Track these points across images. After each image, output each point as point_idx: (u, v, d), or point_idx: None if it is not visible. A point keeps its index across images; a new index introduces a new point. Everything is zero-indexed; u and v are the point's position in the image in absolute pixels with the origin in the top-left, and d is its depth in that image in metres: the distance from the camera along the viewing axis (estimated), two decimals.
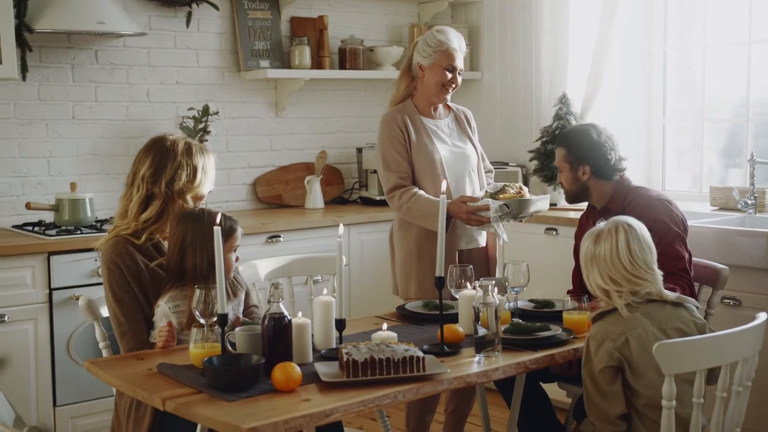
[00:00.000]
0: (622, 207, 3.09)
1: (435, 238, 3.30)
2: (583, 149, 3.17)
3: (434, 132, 3.50)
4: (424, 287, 3.42)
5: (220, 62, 4.75)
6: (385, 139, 3.46)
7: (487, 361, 2.42)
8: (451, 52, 3.44)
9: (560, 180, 3.29)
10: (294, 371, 2.20)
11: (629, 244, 2.44)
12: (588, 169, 3.16)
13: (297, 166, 5.03)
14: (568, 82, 4.84)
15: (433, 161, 3.43)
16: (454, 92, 3.53)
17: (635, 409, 2.39)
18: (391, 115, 3.48)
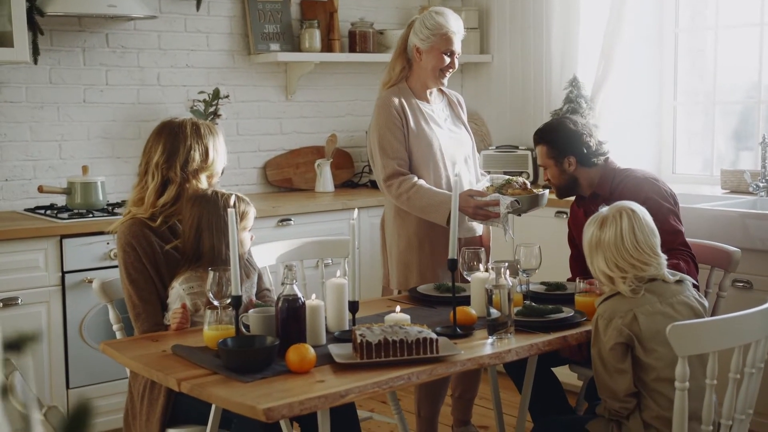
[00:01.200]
0: (611, 191, 3.09)
1: (435, 228, 3.32)
2: (564, 141, 3.16)
3: (431, 117, 3.40)
4: (425, 278, 3.33)
5: (231, 45, 4.75)
6: (383, 123, 3.33)
7: (500, 343, 2.43)
8: (450, 36, 3.33)
9: (546, 178, 3.27)
10: (308, 353, 2.22)
11: (633, 229, 2.46)
12: (573, 159, 3.15)
13: (307, 149, 5.04)
14: (579, 65, 4.82)
15: (431, 147, 3.34)
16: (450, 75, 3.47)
17: (645, 384, 2.41)
18: (388, 98, 3.35)
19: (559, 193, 3.27)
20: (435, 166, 3.32)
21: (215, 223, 2.62)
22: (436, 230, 3.32)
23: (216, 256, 2.62)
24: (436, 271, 3.35)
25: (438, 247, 3.33)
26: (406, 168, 3.31)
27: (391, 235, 3.45)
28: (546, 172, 3.24)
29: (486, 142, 5.37)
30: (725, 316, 2.26)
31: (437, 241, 3.33)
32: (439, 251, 3.33)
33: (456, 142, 3.43)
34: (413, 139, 3.33)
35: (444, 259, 3.32)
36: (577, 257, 3.30)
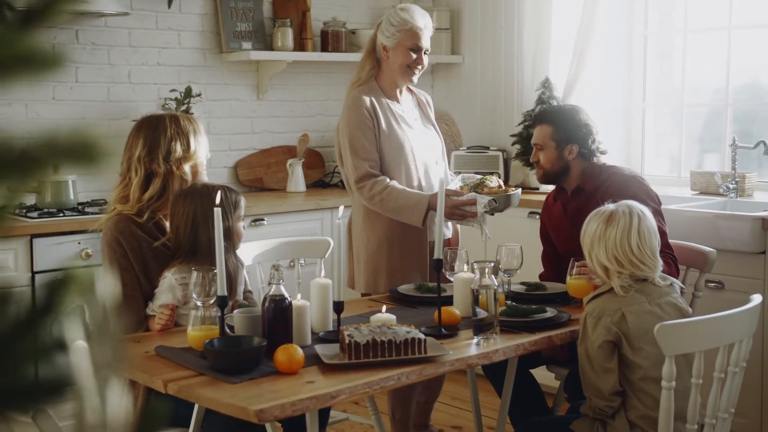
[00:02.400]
0: (596, 186, 3.09)
1: (406, 230, 3.28)
2: (574, 128, 3.14)
3: (401, 117, 3.35)
4: (394, 281, 3.26)
5: (202, 44, 4.70)
6: (353, 123, 3.26)
7: (486, 344, 2.43)
8: (416, 31, 3.28)
9: (536, 159, 3.20)
10: (297, 353, 2.20)
11: (640, 229, 2.48)
12: (576, 148, 3.13)
13: (278, 149, 5.01)
14: (551, 67, 4.85)
15: (402, 148, 3.28)
16: (426, 69, 3.40)
17: (631, 383, 2.43)
18: (358, 97, 3.27)
19: (546, 179, 3.22)
20: (406, 167, 3.29)
21: (211, 215, 2.58)
22: (406, 232, 3.30)
23: (214, 248, 2.59)
24: (405, 274, 3.32)
25: (408, 250, 3.32)
26: (377, 169, 3.25)
27: (360, 237, 3.40)
28: (539, 152, 3.17)
29: (456, 143, 5.39)
30: (712, 316, 2.28)
31: (408, 243, 3.32)
32: (409, 253, 3.32)
33: (426, 142, 3.40)
34: (384, 139, 3.27)
35: (414, 261, 3.32)
36: (550, 254, 3.31)
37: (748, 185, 4.20)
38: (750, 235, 3.58)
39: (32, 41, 0.49)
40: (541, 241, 3.38)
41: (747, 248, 3.61)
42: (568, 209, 3.16)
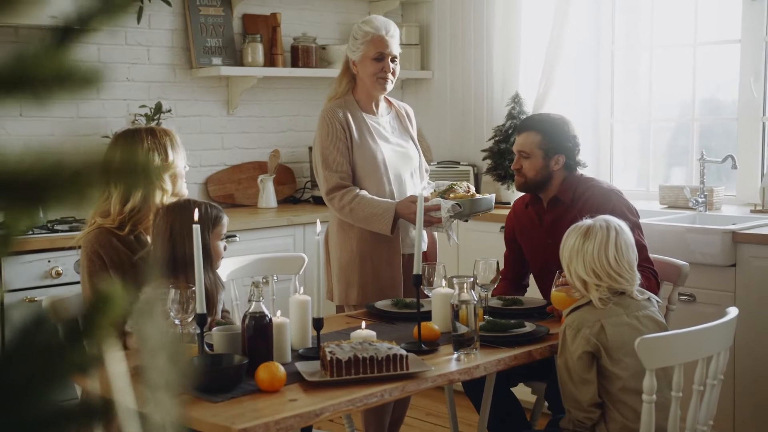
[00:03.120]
0: (573, 198, 3.08)
1: (378, 242, 3.29)
2: (562, 138, 3.10)
3: (376, 130, 3.36)
4: (366, 294, 3.28)
5: (172, 59, 4.67)
6: (326, 135, 3.29)
7: (467, 359, 2.43)
8: (378, 40, 3.27)
9: (518, 166, 3.13)
10: (278, 371, 2.18)
11: (617, 243, 2.50)
12: (562, 159, 3.10)
13: (249, 165, 4.98)
14: (521, 82, 4.89)
15: (375, 161, 3.29)
16: (396, 84, 3.41)
17: (611, 395, 2.45)
18: (332, 111, 3.30)
19: (526, 187, 3.16)
20: (378, 179, 3.29)
21: (187, 229, 2.55)
22: (378, 245, 3.30)
23: (189, 263, 2.55)
24: (377, 287, 3.32)
25: (379, 263, 3.32)
26: (348, 181, 3.28)
27: (334, 250, 3.41)
28: (523, 160, 3.11)
29: (427, 158, 5.39)
30: (691, 329, 2.30)
31: (379, 256, 3.32)
32: (381, 267, 3.32)
33: (401, 156, 3.40)
34: (357, 151, 3.29)
35: (386, 275, 3.31)
36: (512, 258, 3.31)
37: (716, 199, 4.25)
38: (721, 248, 3.62)
39: (70, 59, 0.48)
40: (505, 243, 3.37)
41: (718, 261, 3.65)
42: (543, 220, 3.15)
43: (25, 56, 0.48)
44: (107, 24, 0.50)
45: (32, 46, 0.51)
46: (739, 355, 3.63)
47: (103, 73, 0.50)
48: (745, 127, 4.39)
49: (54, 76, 0.47)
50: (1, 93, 0.47)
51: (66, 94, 0.49)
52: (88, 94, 0.50)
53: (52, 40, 0.51)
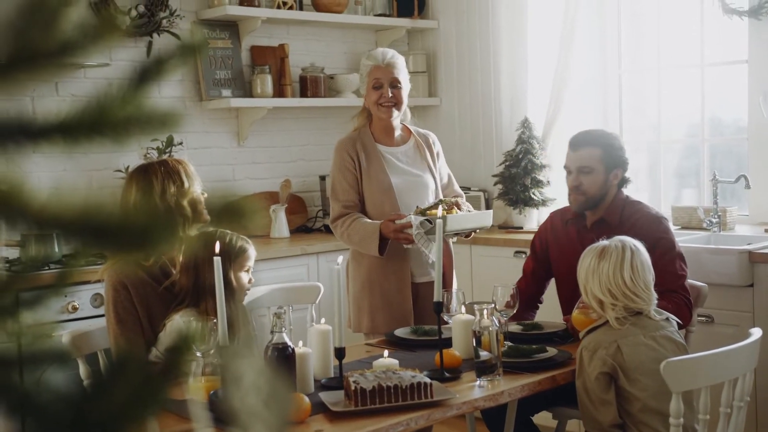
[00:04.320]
0: (620, 220, 3.03)
1: (388, 271, 3.30)
2: (619, 153, 3.07)
3: (388, 160, 3.39)
4: (375, 322, 3.31)
5: (182, 92, 4.70)
6: (335, 166, 3.40)
7: (491, 385, 2.42)
8: (375, 70, 3.36)
9: (577, 183, 3.05)
10: (303, 402, 2.18)
11: (633, 262, 2.50)
12: (620, 173, 3.06)
13: (260, 195, 4.99)
14: (529, 106, 4.90)
15: (383, 190, 3.33)
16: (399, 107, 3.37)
17: (631, 416, 2.44)
18: (344, 142, 3.41)
19: (588, 205, 3.07)
20: (388, 209, 3.30)
21: (210, 262, 2.54)
22: (387, 274, 3.32)
23: (211, 292, 2.55)
24: (388, 315, 3.32)
25: (388, 291, 3.33)
26: (353, 209, 3.33)
27: (349, 278, 3.45)
28: (583, 176, 3.03)
29: None
30: (716, 351, 2.29)
31: (388, 285, 3.33)
32: (390, 294, 3.32)
33: (414, 185, 3.40)
34: (366, 181, 3.35)
35: (395, 303, 3.31)
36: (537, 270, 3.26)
37: (730, 219, 4.25)
38: (738, 268, 3.61)
39: (147, 101, 0.48)
40: (530, 252, 3.33)
41: (735, 282, 3.64)
42: (583, 240, 2.99)
43: (105, 101, 0.49)
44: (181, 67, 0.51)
45: (111, 89, 0.52)
46: (759, 376, 3.61)
47: (178, 116, 0.51)
48: (756, 146, 4.39)
49: (133, 119, 0.48)
50: (82, 137, 0.48)
51: (145, 135, 0.49)
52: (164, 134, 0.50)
53: (129, 83, 0.52)
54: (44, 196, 0.47)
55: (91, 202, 0.47)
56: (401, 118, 3.46)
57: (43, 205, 0.46)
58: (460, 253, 4.62)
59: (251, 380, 0.56)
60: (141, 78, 0.53)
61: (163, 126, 0.50)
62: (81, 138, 0.49)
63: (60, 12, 0.52)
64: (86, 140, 0.50)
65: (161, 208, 2.51)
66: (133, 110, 0.49)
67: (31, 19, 0.51)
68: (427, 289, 3.32)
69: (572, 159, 3.10)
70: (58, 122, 0.49)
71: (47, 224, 0.47)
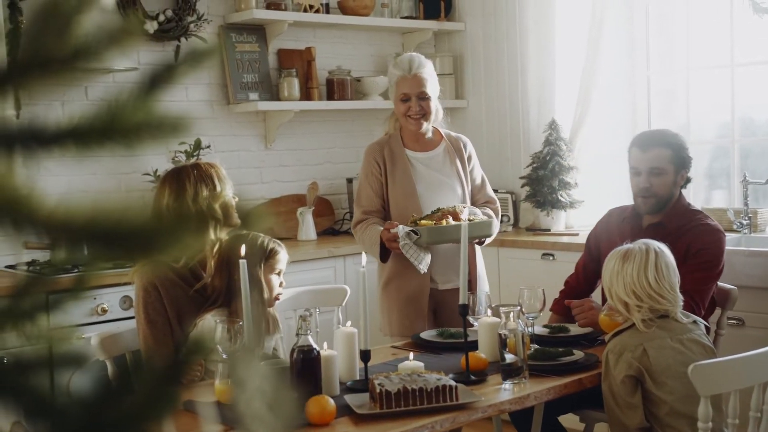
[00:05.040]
0: (678, 227, 2.95)
1: (405, 274, 3.24)
2: (686, 153, 3.02)
3: (415, 166, 3.37)
4: (391, 324, 3.30)
5: (210, 95, 4.73)
6: (362, 171, 3.43)
7: (517, 388, 2.41)
8: (401, 81, 3.30)
9: (647, 184, 2.98)
10: (328, 404, 2.18)
11: (657, 264, 2.49)
12: (685, 175, 3.03)
13: (287, 198, 5.01)
14: (557, 108, 4.88)
15: (407, 196, 3.32)
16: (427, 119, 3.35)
17: (658, 419, 2.42)
18: (373, 147, 3.42)
19: (657, 207, 3.00)
20: (411, 209, 3.28)
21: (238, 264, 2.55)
22: (404, 278, 3.29)
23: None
24: (402, 317, 3.31)
25: (405, 295, 3.32)
26: (374, 215, 3.33)
27: (377, 280, 3.47)
28: (654, 178, 2.98)
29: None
30: (746, 354, 2.27)
31: (405, 288, 3.32)
32: (405, 298, 3.31)
33: (441, 189, 3.37)
34: (391, 187, 3.35)
35: (412, 305, 3.29)
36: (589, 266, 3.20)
37: (761, 220, 4.20)
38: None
39: (158, 108, 0.49)
40: (584, 248, 3.28)
41: (766, 284, 3.60)
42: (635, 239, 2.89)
43: (116, 107, 0.49)
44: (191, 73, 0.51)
45: (122, 96, 0.52)
46: None
47: (189, 121, 0.51)
48: None
49: (144, 124, 0.48)
50: (94, 143, 0.48)
51: (156, 141, 0.50)
52: (175, 141, 0.51)
53: (140, 90, 0.52)
54: (52, 203, 0.47)
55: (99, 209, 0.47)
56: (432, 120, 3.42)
57: (51, 212, 0.46)
58: (487, 256, 4.59)
59: (256, 385, 0.57)
60: (152, 84, 0.53)
61: (174, 131, 0.50)
62: (92, 144, 0.50)
63: (74, 18, 0.52)
64: (98, 146, 0.50)
65: (192, 211, 2.52)
66: (144, 116, 0.49)
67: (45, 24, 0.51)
68: (451, 296, 3.27)
69: (642, 160, 3.02)
70: (69, 128, 0.49)
71: (55, 231, 0.47)
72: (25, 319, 0.74)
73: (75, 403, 0.57)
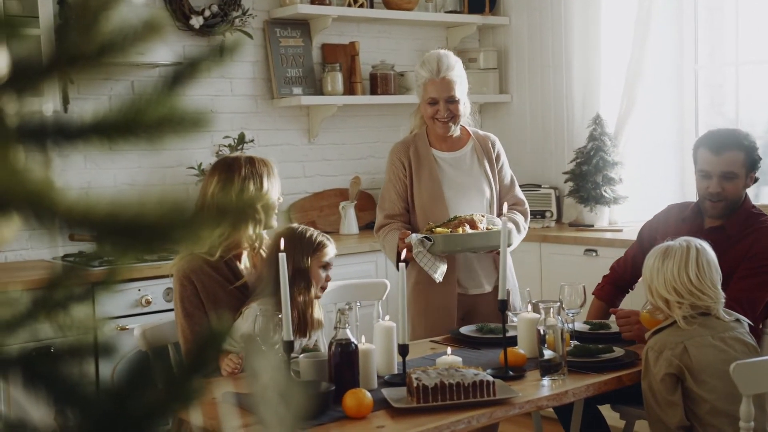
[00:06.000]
0: (739, 232, 2.86)
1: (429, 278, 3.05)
2: (756, 156, 2.93)
3: (441, 167, 3.26)
4: (416, 330, 3.17)
5: (254, 90, 4.77)
6: (387, 173, 3.32)
7: (555, 385, 2.40)
8: (429, 85, 3.15)
9: (719, 189, 2.88)
10: (366, 397, 2.19)
11: (698, 260, 2.46)
12: (753, 177, 2.94)
13: (330, 192, 5.04)
14: (601, 103, 4.83)
15: (434, 199, 3.21)
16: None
17: (699, 418, 2.39)
18: (398, 147, 3.31)
19: (728, 211, 2.90)
20: (438, 215, 3.18)
21: (289, 250, 2.55)
22: (432, 282, 3.12)
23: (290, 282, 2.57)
24: (428, 323, 3.20)
25: (433, 300, 3.20)
26: (398, 219, 3.23)
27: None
28: (726, 182, 2.88)
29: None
30: None
31: (433, 293, 3.19)
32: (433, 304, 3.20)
33: (469, 191, 3.26)
34: (417, 189, 3.23)
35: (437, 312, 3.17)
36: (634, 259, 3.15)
37: None
38: None
39: (180, 103, 0.50)
40: (636, 238, 3.21)
41: None
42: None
43: (139, 102, 0.50)
44: (215, 68, 0.52)
45: (145, 91, 0.54)
46: None
47: (210, 116, 0.52)
48: None
49: (166, 119, 0.49)
50: (117, 137, 0.50)
51: (177, 136, 0.51)
52: (196, 136, 0.52)
53: (163, 84, 0.53)
54: (73, 196, 0.49)
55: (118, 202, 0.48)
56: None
57: (71, 205, 0.47)
58: (529, 251, 4.58)
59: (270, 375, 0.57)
60: (175, 79, 0.54)
61: (196, 126, 0.51)
62: (116, 138, 0.51)
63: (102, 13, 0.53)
64: (122, 140, 0.51)
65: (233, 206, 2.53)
66: (167, 111, 0.50)
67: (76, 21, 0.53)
68: (482, 301, 3.21)
69: (714, 163, 2.90)
70: (93, 123, 0.50)
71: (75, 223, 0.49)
72: (60, 309, 0.76)
73: (102, 392, 0.58)
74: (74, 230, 0.51)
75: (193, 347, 0.57)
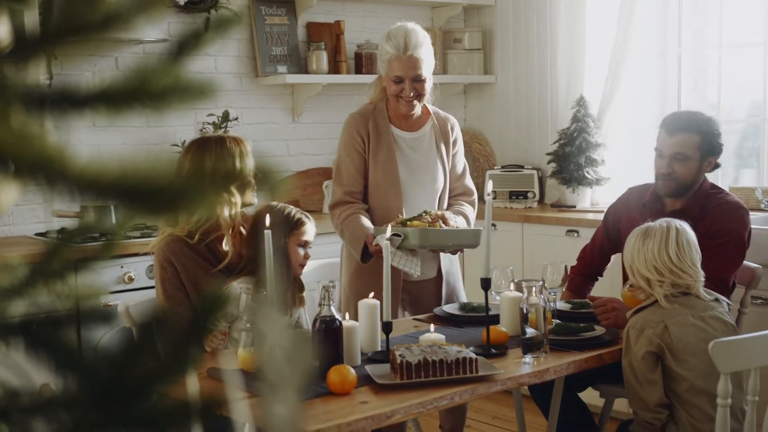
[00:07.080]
0: (701, 213, 2.90)
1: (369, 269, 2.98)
2: (717, 140, 2.94)
3: (400, 146, 3.12)
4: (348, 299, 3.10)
5: (238, 68, 4.76)
6: (342, 144, 3.14)
7: (537, 362, 2.43)
8: (395, 62, 3.00)
9: (669, 170, 2.92)
10: (349, 374, 2.21)
11: (678, 240, 2.49)
12: (713, 161, 2.95)
13: (314, 171, 5.04)
14: (585, 84, 4.86)
15: (389, 177, 3.07)
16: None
17: (678, 396, 2.43)
18: (356, 118, 3.14)
19: (677, 191, 2.94)
20: (390, 196, 3.09)
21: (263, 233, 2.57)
22: (371, 273, 3.01)
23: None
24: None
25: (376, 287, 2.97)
26: (356, 197, 3.10)
27: (342, 266, 3.28)
28: (677, 163, 2.90)
29: (491, 162, 5.40)
30: (766, 332, 2.27)
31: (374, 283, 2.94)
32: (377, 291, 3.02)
33: (421, 180, 3.15)
34: (372, 168, 3.09)
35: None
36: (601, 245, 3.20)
37: None
38: None
39: (185, 72, 0.51)
40: (602, 222, 3.23)
41: None
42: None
43: (145, 71, 0.51)
44: (218, 40, 0.53)
45: (151, 61, 0.55)
46: None
47: (216, 85, 0.53)
48: None
49: (172, 88, 0.51)
50: (124, 105, 0.51)
51: (183, 105, 0.52)
52: (202, 106, 0.53)
53: (168, 55, 0.54)
54: (84, 160, 0.50)
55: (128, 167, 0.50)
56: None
57: (83, 169, 0.48)
58: (512, 231, 4.62)
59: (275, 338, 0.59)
60: (179, 50, 0.55)
61: (201, 96, 0.53)
62: (122, 106, 0.52)
63: None
64: (127, 108, 0.53)
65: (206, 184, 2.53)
66: (172, 80, 0.51)
67: None
68: (420, 287, 3.16)
69: (667, 144, 2.94)
70: (100, 91, 0.51)
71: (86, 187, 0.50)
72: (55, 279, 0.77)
73: (101, 358, 0.60)
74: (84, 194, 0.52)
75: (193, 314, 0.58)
